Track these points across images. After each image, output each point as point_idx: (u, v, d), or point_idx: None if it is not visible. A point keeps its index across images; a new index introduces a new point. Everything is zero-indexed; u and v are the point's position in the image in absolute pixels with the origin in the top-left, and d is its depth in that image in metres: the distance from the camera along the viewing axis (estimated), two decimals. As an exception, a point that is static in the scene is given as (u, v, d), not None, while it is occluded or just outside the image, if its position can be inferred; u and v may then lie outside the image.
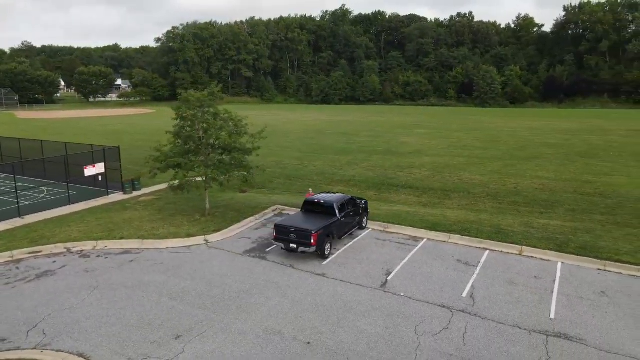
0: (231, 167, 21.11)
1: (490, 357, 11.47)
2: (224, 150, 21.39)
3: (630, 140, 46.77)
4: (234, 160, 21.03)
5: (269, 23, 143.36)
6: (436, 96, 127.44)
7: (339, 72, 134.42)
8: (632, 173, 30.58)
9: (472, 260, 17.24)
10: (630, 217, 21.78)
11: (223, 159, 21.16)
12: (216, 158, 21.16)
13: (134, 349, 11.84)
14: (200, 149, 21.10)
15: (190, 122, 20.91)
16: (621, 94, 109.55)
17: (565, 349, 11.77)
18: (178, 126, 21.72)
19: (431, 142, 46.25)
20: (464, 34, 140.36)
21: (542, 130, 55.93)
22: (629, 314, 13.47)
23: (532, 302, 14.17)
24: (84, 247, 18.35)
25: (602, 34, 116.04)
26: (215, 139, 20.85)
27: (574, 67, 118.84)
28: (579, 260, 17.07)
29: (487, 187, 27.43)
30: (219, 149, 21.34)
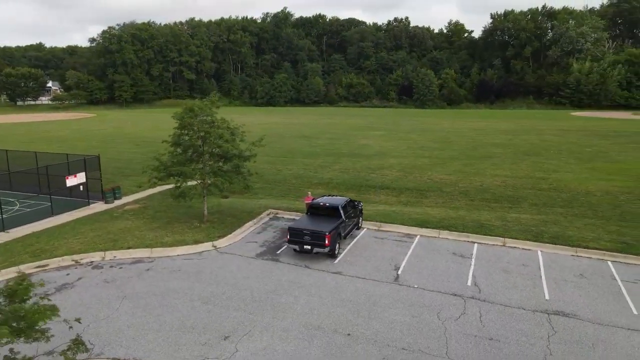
0: (232, 174, 21.65)
1: (507, 335, 13.27)
2: (221, 157, 21.92)
3: (562, 139, 51.81)
4: (234, 167, 21.61)
5: (209, 24, 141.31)
6: (378, 98, 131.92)
7: (282, 74, 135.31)
8: (574, 170, 34.37)
9: (465, 253, 19.18)
10: (584, 209, 24.86)
11: (222, 166, 21.67)
12: (216, 165, 21.62)
13: (187, 351, 12.44)
14: (201, 156, 21.50)
15: (192, 131, 21.25)
16: (544, 96, 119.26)
17: (566, 323, 13.83)
18: (176, 135, 21.97)
19: (389, 143, 48.62)
20: (401, 38, 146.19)
21: (485, 131, 60.32)
22: (607, 291, 15.87)
23: (527, 286, 16.24)
24: (92, 259, 18.26)
25: (525, 41, 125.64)
26: (217, 146, 21.33)
27: (502, 70, 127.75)
28: (555, 249, 19.53)
29: (456, 185, 29.84)
30: (218, 157, 21.84)
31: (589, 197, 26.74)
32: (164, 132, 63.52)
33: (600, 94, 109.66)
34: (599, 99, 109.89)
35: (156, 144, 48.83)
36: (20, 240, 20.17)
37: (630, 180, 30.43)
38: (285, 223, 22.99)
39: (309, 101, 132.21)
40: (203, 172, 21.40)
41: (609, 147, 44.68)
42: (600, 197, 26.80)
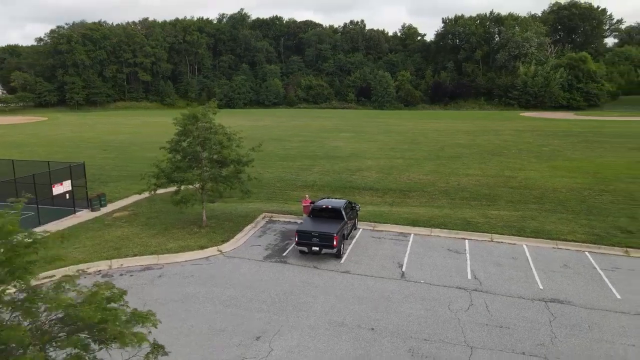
0: (232, 179, 21.96)
1: (514, 322, 14.59)
2: (220, 163, 22.19)
3: (519, 139, 55.02)
4: (234, 172, 21.94)
5: (164, 25, 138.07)
6: (337, 99, 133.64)
7: (241, 76, 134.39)
8: (537, 168, 36.89)
9: (459, 249, 20.54)
10: (554, 205, 26.99)
11: (221, 172, 21.92)
12: (216, 171, 21.85)
13: (224, 352, 12.89)
14: (201, 162, 21.70)
15: (192, 137, 21.41)
16: (494, 97, 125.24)
17: (562, 310, 15.34)
18: (174, 141, 22.05)
19: (360, 145, 49.94)
20: (358, 41, 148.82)
21: (447, 132, 62.94)
22: (590, 279, 17.62)
23: (521, 277, 17.74)
24: (99, 268, 18.14)
25: (475, 45, 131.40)
26: (217, 152, 21.60)
27: (455, 73, 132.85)
28: (537, 242, 21.27)
29: (435, 185, 31.41)
30: (216, 162, 22.10)
31: (557, 194, 28.98)
32: (126, 136, 62.93)
33: (544, 96, 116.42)
34: (544, 100, 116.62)
35: (125, 149, 48.22)
36: (15, 251, 19.59)
37: (588, 177, 33.10)
38: (283, 226, 23.62)
39: (268, 103, 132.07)
40: (203, 178, 21.60)
41: (563, 146, 48.03)
42: (566, 193, 29.10)
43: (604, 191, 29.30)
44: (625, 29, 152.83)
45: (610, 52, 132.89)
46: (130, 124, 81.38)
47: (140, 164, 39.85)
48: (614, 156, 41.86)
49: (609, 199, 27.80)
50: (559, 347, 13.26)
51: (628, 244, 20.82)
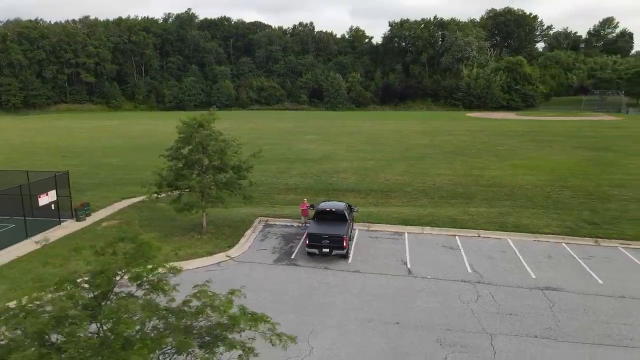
0: (235, 185, 22.19)
1: (520, 309, 16.12)
2: (219, 169, 22.38)
3: (474, 139, 58.31)
4: (236, 178, 22.20)
5: (107, 24, 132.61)
6: (289, 100, 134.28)
7: (190, 77, 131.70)
8: (499, 167, 39.58)
9: (452, 245, 22.06)
10: (524, 201, 29.32)
11: (223, 178, 22.12)
12: (218, 177, 22.00)
13: (263, 354, 13.39)
14: (205, 169, 21.80)
15: (195, 144, 21.47)
16: (440, 98, 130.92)
17: (557, 296, 17.09)
18: (174, 148, 22.01)
19: (328, 147, 51.00)
20: (307, 43, 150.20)
21: (405, 133, 65.40)
22: (573, 268, 19.62)
23: (514, 269, 19.44)
24: (110, 279, 17.87)
25: (421, 48, 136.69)
26: (218, 159, 21.78)
27: (403, 75, 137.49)
28: (519, 236, 23.22)
29: (413, 185, 33.02)
30: (217, 169, 22.26)
31: (524, 191, 31.44)
32: (84, 141, 60.74)
33: (487, 97, 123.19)
34: (486, 101, 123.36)
35: (87, 156, 46.35)
36: (13, 266, 18.91)
37: (547, 175, 36.01)
38: (281, 229, 24.18)
39: (220, 105, 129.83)
40: (206, 185, 21.72)
41: (516, 146, 51.55)
42: (532, 190, 31.63)
43: (564, 187, 32.12)
44: (553, 34, 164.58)
45: (542, 56, 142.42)
46: (82, 127, 77.83)
47: (110, 171, 38.82)
48: (562, 154, 45.59)
49: (569, 194, 30.56)
50: (564, 329, 14.89)
51: (596, 235, 23.23)
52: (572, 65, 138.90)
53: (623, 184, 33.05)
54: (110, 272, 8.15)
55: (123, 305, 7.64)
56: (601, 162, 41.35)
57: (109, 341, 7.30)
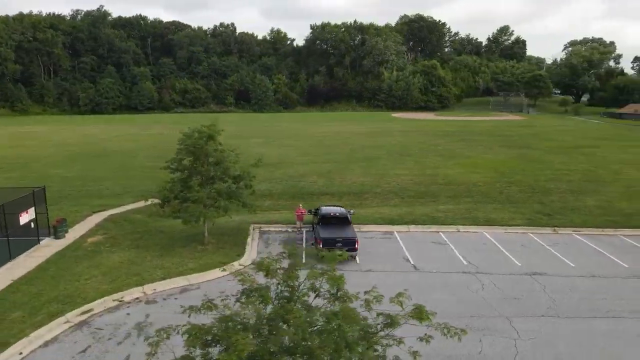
0: (239, 194, 22.39)
1: (521, 293, 18.52)
2: (221, 179, 22.50)
3: (412, 139, 62.12)
4: (240, 188, 22.45)
5: (7, 20, 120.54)
6: (215, 102, 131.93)
7: (107, 78, 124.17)
8: (447, 165, 43.06)
9: (440, 241, 24.27)
10: (482, 197, 32.59)
11: (229, 187, 22.28)
12: (226, 187, 22.13)
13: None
14: (213, 179, 21.84)
15: (203, 155, 21.44)
16: (364, 100, 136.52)
17: (545, 280, 19.81)
18: (176, 160, 21.80)
19: (279, 151, 51.68)
20: (230, 44, 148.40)
21: (345, 134, 67.73)
22: (545, 254, 22.66)
23: (501, 259, 22.02)
24: (133, 295, 17.58)
25: (344, 51, 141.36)
26: (223, 169, 21.92)
27: (327, 77, 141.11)
28: (492, 229, 26.07)
29: (380, 186, 35.03)
30: (221, 179, 22.35)
31: (478, 188, 34.84)
32: (9, 150, 56.48)
33: (407, 98, 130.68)
34: (407, 102, 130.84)
35: (26, 167, 42.62)
36: (16, 290, 17.76)
37: (491, 172, 39.98)
38: (278, 235, 24.91)
39: (141, 108, 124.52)
40: (212, 196, 21.76)
41: (451, 145, 56.03)
42: (484, 187, 35.13)
43: (510, 183, 36.06)
44: (459, 40, 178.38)
45: (452, 61, 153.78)
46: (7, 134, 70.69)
47: (63, 183, 36.56)
48: (494, 153, 50.54)
49: (517, 189, 34.44)
50: (561, 307, 17.50)
51: (553, 224, 26.83)
52: (478, 69, 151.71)
53: (555, 178, 37.81)
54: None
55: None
56: (528, 159, 46.59)
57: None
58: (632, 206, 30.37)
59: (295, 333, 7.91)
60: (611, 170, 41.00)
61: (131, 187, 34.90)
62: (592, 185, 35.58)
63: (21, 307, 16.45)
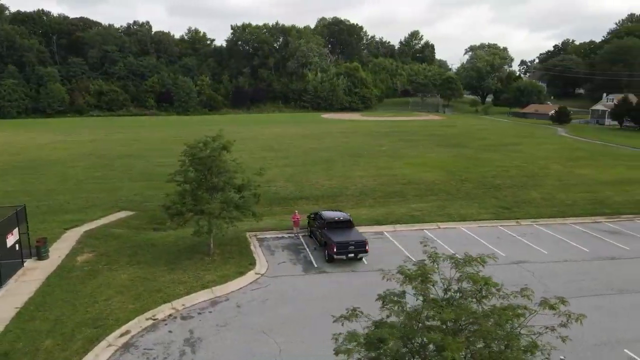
0: (250, 202, 22.41)
1: (518, 280, 20.73)
2: (221, 189, 22.42)
3: (355, 140, 64.46)
4: (251, 197, 22.51)
5: None
6: (135, 105, 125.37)
7: (9, 79, 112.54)
8: (400, 165, 45.63)
9: (427, 238, 25.96)
10: (445, 194, 35.28)
11: (232, 197, 22.19)
12: (235, 198, 22.04)
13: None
14: (217, 190, 21.65)
15: (214, 168, 21.21)
16: (290, 101, 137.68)
17: (529, 267, 22.47)
18: (182, 173, 21.37)
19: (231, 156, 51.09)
20: (146, 43, 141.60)
21: (290, 137, 68.15)
22: (519, 244, 25.51)
23: (485, 251, 24.31)
24: (165, 312, 17.21)
25: (268, 52, 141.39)
26: (227, 179, 21.86)
27: (251, 78, 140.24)
28: (466, 224, 28.64)
29: (349, 188, 36.44)
30: (222, 189, 22.26)
31: (437, 186, 37.62)
32: None
33: (332, 99, 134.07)
34: (332, 103, 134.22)
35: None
36: (27, 319, 16.54)
37: (440, 171, 43.18)
38: (278, 242, 25.35)
39: (51, 111, 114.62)
40: (222, 207, 21.62)
41: (395, 146, 59.10)
42: (442, 185, 38.02)
43: (463, 181, 39.37)
44: (374, 43, 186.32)
45: (371, 63, 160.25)
46: None
47: (10, 199, 33.25)
48: (434, 152, 54.27)
49: (471, 186, 37.76)
50: (553, 289, 20.04)
51: (515, 217, 30.06)
52: (395, 71, 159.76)
53: (497, 175, 41.86)
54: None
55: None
56: (467, 157, 50.81)
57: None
58: (569, 197, 34.82)
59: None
60: (540, 166, 46.21)
61: (93, 200, 32.98)
62: (530, 180, 39.99)
63: (49, 335, 15.47)
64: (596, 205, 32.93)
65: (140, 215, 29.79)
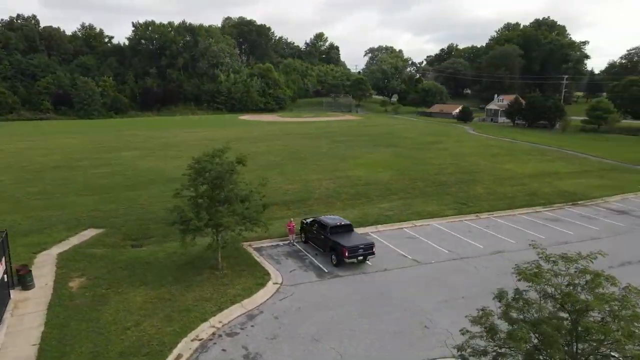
0: (257, 213, 22.17)
1: (505, 269, 23.36)
2: (226, 201, 22.05)
3: (291, 142, 64.95)
4: (260, 207, 22.29)
5: None
6: (27, 109, 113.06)
7: None
8: (350, 167, 47.29)
9: (410, 235, 28.08)
10: (404, 193, 37.57)
11: (246, 211, 21.90)
12: (248, 210, 21.68)
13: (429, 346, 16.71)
14: (229, 203, 21.21)
15: (226, 182, 20.73)
16: (203, 102, 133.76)
17: (507, 256, 25.15)
18: (192, 186, 20.65)
19: (170, 163, 48.87)
20: (35, 40, 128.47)
21: (220, 140, 66.66)
22: (488, 236, 28.41)
23: (466, 244, 26.85)
24: (206, 332, 16.77)
25: (177, 52, 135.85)
26: (234, 190, 21.53)
27: (159, 79, 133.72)
28: (436, 220, 31.04)
29: (313, 192, 37.15)
30: (228, 201, 21.88)
31: (395, 185, 39.85)
32: None
33: (247, 100, 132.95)
34: (247, 104, 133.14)
35: None
36: (58, 356, 15.18)
37: (389, 170, 45.63)
38: (277, 250, 25.59)
39: None
40: (235, 220, 21.24)
41: (333, 147, 60.75)
42: (398, 184, 40.37)
43: (413, 179, 42.17)
44: (282, 43, 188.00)
45: (282, 64, 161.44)
46: None
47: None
48: (375, 153, 56.73)
49: (422, 184, 40.62)
50: (536, 274, 22.94)
51: (473, 211, 33.19)
52: (306, 72, 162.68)
53: (439, 172, 45.43)
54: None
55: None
56: (405, 157, 54.17)
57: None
58: (508, 190, 39.11)
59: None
60: (470, 162, 50.91)
61: (47, 219, 30.04)
62: (468, 176, 44.05)
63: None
64: (532, 197, 37.45)
65: (111, 232, 27.84)
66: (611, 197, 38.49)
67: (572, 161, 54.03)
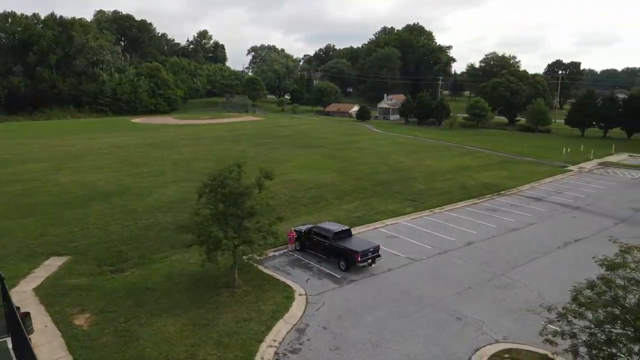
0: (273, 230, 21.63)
1: (487, 257, 26.27)
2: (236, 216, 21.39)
3: (214, 148, 62.60)
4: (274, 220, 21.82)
5: None
6: None
7: None
8: (289, 170, 47.26)
9: (388, 234, 29.72)
10: (357, 194, 39.10)
11: (263, 226, 21.31)
12: (264, 225, 21.08)
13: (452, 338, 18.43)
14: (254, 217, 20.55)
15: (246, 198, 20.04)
16: (84, 104, 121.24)
17: (480, 245, 28.20)
18: (210, 201, 19.70)
19: (95, 177, 44.18)
20: None
21: (134, 147, 61.56)
22: (453, 229, 31.33)
23: (439, 239, 29.30)
24: (268, 352, 16.40)
25: (48, 48, 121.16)
26: (252, 206, 20.97)
27: (28, 78, 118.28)
28: (401, 218, 33.18)
29: (273, 198, 36.59)
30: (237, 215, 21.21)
31: (344, 187, 41.10)
32: None
33: (136, 102, 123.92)
34: (135, 105, 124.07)
35: None
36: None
37: (330, 172, 46.83)
38: (279, 260, 25.28)
39: None
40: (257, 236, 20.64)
41: (255, 150, 59.89)
42: (345, 185, 41.76)
43: (357, 179, 44.10)
44: (163, 41, 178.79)
45: (168, 63, 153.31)
46: None
47: None
48: (302, 155, 57.51)
49: (368, 184, 42.65)
50: (520, 257, 26.10)
51: (426, 207, 36.07)
52: (194, 71, 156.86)
53: (375, 171, 48.05)
54: None
55: None
56: (334, 157, 55.94)
57: None
58: (442, 185, 43.04)
59: None
60: (395, 160, 54.58)
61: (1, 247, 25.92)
62: (402, 174, 47.37)
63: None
64: (465, 191, 41.78)
65: (79, 259, 24.88)
66: (523, 187, 44.58)
67: (475, 155, 60.85)
